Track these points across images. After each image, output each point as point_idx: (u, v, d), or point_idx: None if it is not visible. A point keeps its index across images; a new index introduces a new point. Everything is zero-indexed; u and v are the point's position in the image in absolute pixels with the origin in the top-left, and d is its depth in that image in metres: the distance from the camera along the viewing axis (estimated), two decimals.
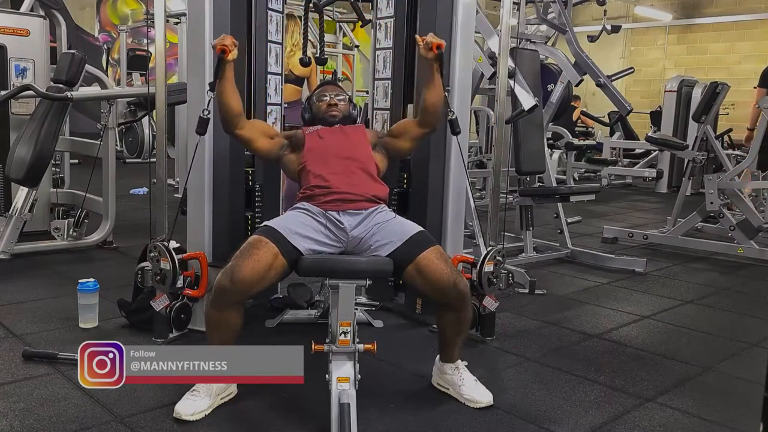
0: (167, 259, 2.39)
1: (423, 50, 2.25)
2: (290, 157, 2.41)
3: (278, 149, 2.43)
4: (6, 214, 3.67)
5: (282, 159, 2.43)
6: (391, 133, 2.50)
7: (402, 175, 2.96)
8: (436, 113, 2.36)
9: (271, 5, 2.83)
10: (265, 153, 2.44)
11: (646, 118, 9.41)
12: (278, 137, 2.46)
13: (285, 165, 2.44)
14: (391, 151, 2.46)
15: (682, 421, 2.08)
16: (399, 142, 2.45)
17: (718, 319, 3.17)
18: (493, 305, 2.62)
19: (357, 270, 2.03)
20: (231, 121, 2.32)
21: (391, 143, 2.46)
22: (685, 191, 4.95)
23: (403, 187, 2.96)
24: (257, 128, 2.43)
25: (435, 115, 2.37)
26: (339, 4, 6.70)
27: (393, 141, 2.46)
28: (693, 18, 11.89)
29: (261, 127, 2.48)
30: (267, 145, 2.41)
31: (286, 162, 2.42)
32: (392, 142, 2.46)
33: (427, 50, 2.23)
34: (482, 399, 2.08)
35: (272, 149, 2.42)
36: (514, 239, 4.16)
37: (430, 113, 2.36)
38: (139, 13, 10.59)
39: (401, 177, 2.96)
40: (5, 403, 2.01)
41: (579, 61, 4.25)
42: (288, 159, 2.42)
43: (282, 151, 2.43)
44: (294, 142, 2.43)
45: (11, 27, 3.86)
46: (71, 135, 4.61)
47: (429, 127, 2.41)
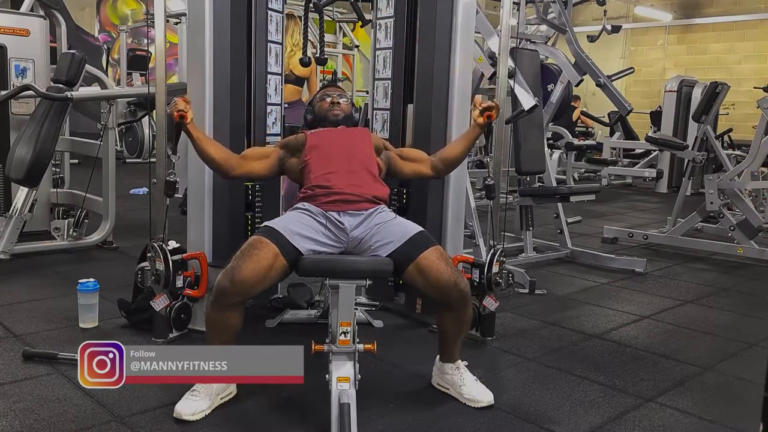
0: (161, 260, 2.39)
1: (476, 114, 2.31)
2: (291, 161, 2.41)
3: (278, 164, 2.42)
4: (6, 214, 3.67)
5: (284, 168, 2.43)
6: (401, 155, 2.51)
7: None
8: (453, 168, 2.51)
9: (271, 5, 2.83)
10: (267, 175, 2.45)
11: (646, 118, 9.40)
12: (273, 153, 2.44)
13: (287, 171, 2.44)
14: (392, 168, 2.48)
15: (682, 421, 2.08)
16: (404, 166, 2.48)
17: (718, 319, 3.17)
18: (493, 305, 2.62)
19: (357, 270, 2.03)
20: (221, 170, 2.34)
21: (395, 162, 2.47)
22: (685, 191, 4.95)
23: (404, 185, 2.96)
24: (250, 159, 2.40)
25: (451, 169, 2.52)
26: (339, 4, 6.71)
27: (399, 162, 2.48)
28: (693, 18, 11.89)
29: (253, 155, 2.45)
30: (265, 168, 2.41)
31: (288, 168, 2.42)
32: (398, 162, 2.48)
33: (480, 116, 2.29)
34: (483, 398, 2.08)
35: (272, 168, 2.42)
36: (514, 239, 4.16)
37: (449, 167, 2.49)
38: (139, 13, 10.59)
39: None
40: (5, 403, 2.01)
41: (579, 61, 4.26)
42: (289, 164, 2.41)
43: (281, 162, 2.42)
44: (292, 147, 2.42)
45: (11, 27, 3.86)
46: (71, 135, 4.60)
47: (439, 176, 2.53)
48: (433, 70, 2.80)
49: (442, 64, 2.79)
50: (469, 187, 3.58)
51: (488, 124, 2.32)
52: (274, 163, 2.42)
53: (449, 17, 2.77)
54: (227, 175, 2.36)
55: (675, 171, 7.62)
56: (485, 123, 2.31)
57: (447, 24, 2.77)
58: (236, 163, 2.35)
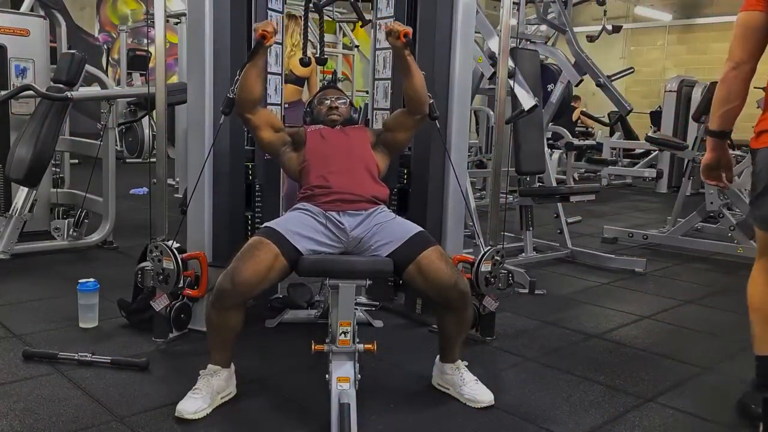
0: (170, 258, 2.39)
1: (391, 39, 2.20)
2: (291, 155, 2.41)
3: (280, 144, 2.43)
4: (6, 214, 3.67)
5: (283, 156, 2.43)
6: (387, 128, 2.50)
7: (402, 171, 2.95)
8: (422, 97, 2.33)
9: (271, 5, 2.83)
10: (267, 144, 2.44)
11: (646, 118, 9.41)
12: (282, 132, 2.45)
13: (285, 163, 2.44)
14: (390, 146, 2.46)
15: (682, 421, 2.08)
16: (396, 134, 2.45)
17: (718, 319, 3.17)
18: (493, 305, 2.62)
19: (357, 270, 2.03)
20: (246, 104, 2.31)
21: (388, 138, 2.46)
22: (685, 191, 4.95)
23: (404, 182, 2.96)
24: (265, 118, 2.43)
25: (422, 100, 2.34)
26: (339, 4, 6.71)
27: (390, 135, 2.46)
28: (693, 18, 11.90)
29: (269, 117, 2.47)
30: (271, 137, 2.41)
31: (287, 160, 2.42)
32: (389, 136, 2.46)
33: (396, 39, 2.19)
34: (483, 398, 2.08)
35: (275, 142, 2.42)
36: (514, 239, 4.16)
37: (416, 99, 2.33)
38: (139, 13, 10.59)
39: (402, 172, 2.95)
40: (5, 403, 2.01)
41: (579, 61, 4.26)
42: (289, 157, 2.42)
43: (284, 147, 2.43)
44: (296, 140, 2.43)
45: (11, 27, 3.86)
46: (71, 135, 4.61)
47: (420, 113, 2.39)
48: (433, 70, 2.80)
49: (442, 64, 2.79)
50: (469, 187, 3.58)
51: (408, 42, 2.19)
52: (278, 142, 2.42)
53: (449, 17, 2.77)
54: (243, 112, 2.34)
55: (675, 171, 7.64)
56: (404, 43, 2.19)
57: (447, 24, 2.77)
58: (257, 111, 2.36)
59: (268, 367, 2.36)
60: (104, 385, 2.15)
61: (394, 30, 2.18)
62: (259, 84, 2.31)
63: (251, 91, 2.28)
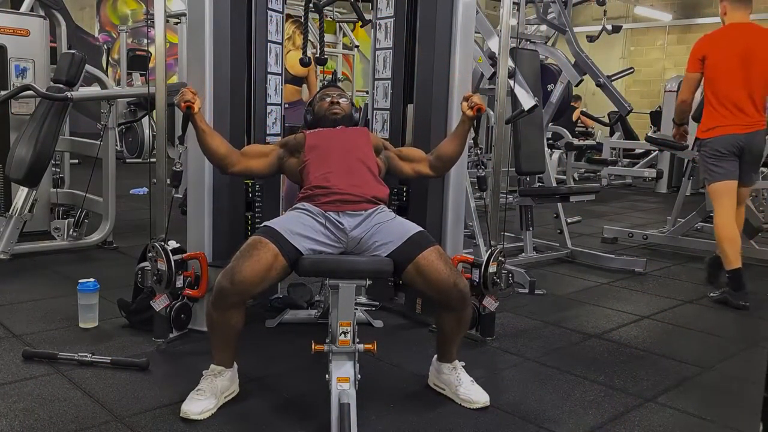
0: (163, 260, 2.39)
1: (465, 108, 2.35)
2: (290, 161, 2.42)
3: (277, 163, 2.43)
4: (6, 214, 3.67)
5: (283, 166, 2.44)
6: (401, 155, 2.53)
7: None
8: (451, 165, 2.52)
9: (271, 5, 2.83)
10: (265, 173, 2.47)
11: (646, 118, 9.41)
12: (273, 151, 2.45)
13: (287, 171, 2.45)
14: (391, 168, 2.49)
15: (682, 421, 2.08)
16: (404, 166, 2.50)
17: (718, 319, 3.17)
18: (493, 305, 2.62)
19: (357, 270, 2.02)
20: (222, 164, 2.36)
21: (395, 163, 2.49)
22: (685, 191, 4.95)
23: (404, 182, 2.96)
24: (250, 156, 2.42)
25: (449, 166, 2.53)
26: (339, 4, 6.71)
27: (398, 162, 2.50)
28: (693, 18, 11.89)
29: (253, 152, 2.46)
30: (264, 167, 2.43)
31: (287, 168, 2.43)
32: (398, 162, 2.49)
33: (470, 109, 2.33)
34: (479, 400, 2.08)
35: (270, 167, 2.44)
36: (514, 239, 4.16)
37: (446, 163, 2.50)
38: (139, 13, 10.60)
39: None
40: (5, 403, 2.01)
41: (579, 61, 4.26)
42: (288, 164, 2.42)
43: (280, 161, 2.43)
44: (291, 146, 2.43)
45: (11, 27, 3.87)
46: (71, 135, 4.61)
47: (438, 175, 2.55)
48: (433, 70, 2.81)
49: (442, 64, 2.79)
50: (469, 187, 3.58)
51: (478, 117, 2.38)
52: (273, 162, 2.43)
53: (449, 17, 2.77)
54: (226, 171, 2.39)
55: (675, 171, 7.64)
56: (475, 116, 2.35)
57: (447, 24, 2.77)
58: (236, 159, 2.37)
59: (268, 367, 2.36)
60: (104, 385, 2.15)
61: (473, 102, 2.33)
62: (215, 141, 2.32)
63: (215, 152, 2.33)
